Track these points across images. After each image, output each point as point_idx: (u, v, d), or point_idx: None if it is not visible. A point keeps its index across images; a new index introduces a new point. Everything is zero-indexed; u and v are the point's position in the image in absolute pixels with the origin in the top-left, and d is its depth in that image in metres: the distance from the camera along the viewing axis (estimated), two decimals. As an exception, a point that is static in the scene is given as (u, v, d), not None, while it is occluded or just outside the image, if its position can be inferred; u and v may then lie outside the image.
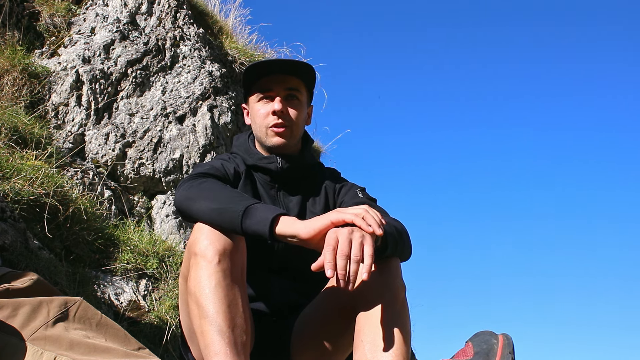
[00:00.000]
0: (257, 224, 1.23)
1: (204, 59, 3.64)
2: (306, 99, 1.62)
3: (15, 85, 2.79)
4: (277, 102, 1.53)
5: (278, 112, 1.53)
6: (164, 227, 2.90)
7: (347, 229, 1.18)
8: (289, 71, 1.55)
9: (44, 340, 1.07)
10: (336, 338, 1.41)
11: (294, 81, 1.57)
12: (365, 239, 1.17)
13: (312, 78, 1.60)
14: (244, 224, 1.23)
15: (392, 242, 1.31)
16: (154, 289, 2.44)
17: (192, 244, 1.28)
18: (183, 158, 3.08)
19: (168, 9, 3.76)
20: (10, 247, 1.82)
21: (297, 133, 1.58)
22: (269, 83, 1.56)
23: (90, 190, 2.64)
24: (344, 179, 1.69)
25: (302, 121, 1.59)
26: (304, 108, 1.59)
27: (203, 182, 1.36)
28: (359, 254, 1.14)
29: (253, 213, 1.24)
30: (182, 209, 1.36)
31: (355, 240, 1.16)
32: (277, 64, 1.57)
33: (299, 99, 1.57)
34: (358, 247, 1.15)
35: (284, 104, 1.54)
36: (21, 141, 2.42)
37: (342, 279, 1.14)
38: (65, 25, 3.39)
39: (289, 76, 1.56)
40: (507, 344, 1.41)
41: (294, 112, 1.55)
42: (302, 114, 1.58)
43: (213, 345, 1.17)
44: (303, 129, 1.62)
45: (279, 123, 1.54)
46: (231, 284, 1.23)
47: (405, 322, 1.30)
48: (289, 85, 1.56)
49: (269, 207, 1.26)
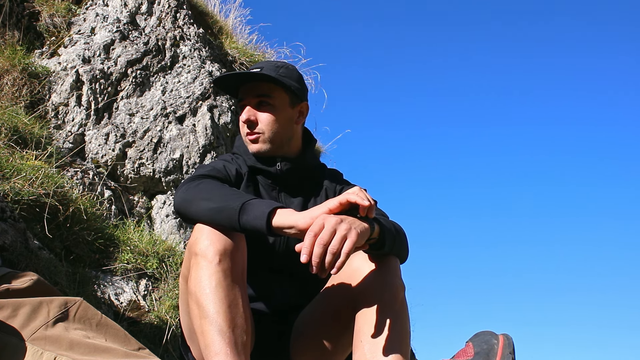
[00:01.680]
0: (254, 219, 1.22)
1: (204, 59, 3.64)
2: (286, 100, 1.59)
3: (15, 85, 2.79)
4: (245, 111, 1.54)
5: (246, 122, 1.54)
6: (164, 227, 2.90)
7: (337, 218, 1.17)
8: (256, 78, 1.55)
9: (44, 341, 1.07)
10: (336, 338, 1.41)
11: (264, 86, 1.55)
12: (350, 233, 1.16)
13: (291, 76, 1.58)
14: (242, 220, 1.23)
15: (389, 238, 1.31)
16: (154, 289, 2.44)
17: (192, 244, 1.28)
18: (183, 158, 3.08)
19: (168, 9, 3.76)
20: (10, 247, 1.82)
21: (276, 137, 1.55)
22: (242, 93, 1.57)
23: (90, 190, 2.64)
24: (345, 181, 1.69)
25: (282, 124, 1.56)
26: (280, 111, 1.56)
27: (200, 184, 1.36)
28: (337, 246, 1.14)
29: (250, 209, 1.23)
30: (181, 212, 1.36)
31: (339, 231, 1.15)
32: (238, 76, 1.58)
33: (270, 103, 1.55)
34: (339, 239, 1.14)
35: (252, 112, 1.54)
36: (21, 141, 2.42)
37: (315, 266, 1.14)
38: (65, 25, 3.39)
39: (259, 82, 1.56)
40: (507, 344, 1.41)
41: (266, 117, 1.54)
42: (278, 117, 1.55)
43: (213, 345, 1.17)
44: (286, 131, 1.57)
45: (249, 132, 1.55)
46: (232, 284, 1.23)
47: (405, 322, 1.30)
48: (258, 92, 1.55)
49: (266, 202, 1.26)
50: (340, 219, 1.17)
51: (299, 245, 1.16)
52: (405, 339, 1.28)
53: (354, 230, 1.17)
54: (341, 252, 1.15)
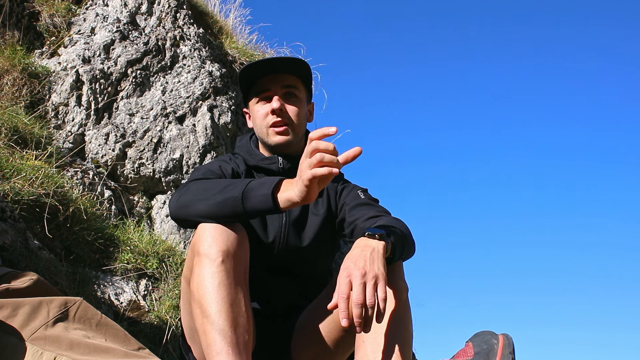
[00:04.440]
0: (259, 203, 1.22)
1: (204, 59, 3.64)
2: (305, 96, 1.61)
3: (15, 85, 2.79)
4: (275, 100, 1.52)
5: (277, 111, 1.52)
6: (164, 227, 2.90)
7: (360, 269, 1.14)
8: (285, 69, 1.55)
9: (43, 340, 1.07)
10: (337, 338, 1.41)
11: (291, 79, 1.56)
12: (379, 279, 1.14)
13: (308, 74, 1.59)
14: (247, 207, 1.23)
15: (399, 249, 1.31)
16: (154, 289, 2.44)
17: (195, 244, 1.28)
18: (183, 158, 3.08)
19: (168, 9, 3.76)
20: (10, 247, 1.82)
21: (299, 130, 1.57)
22: (265, 83, 1.56)
23: (90, 190, 2.64)
24: (346, 180, 1.69)
25: (303, 118, 1.58)
26: (303, 105, 1.58)
27: (189, 188, 1.35)
28: (373, 300, 1.12)
29: (251, 195, 1.23)
30: (179, 218, 1.35)
31: (368, 283, 1.13)
32: (271, 63, 1.55)
33: (297, 96, 1.57)
34: (372, 292, 1.13)
35: (282, 102, 1.53)
36: (21, 141, 2.42)
37: (358, 327, 1.12)
38: (65, 25, 3.39)
39: (285, 74, 1.55)
40: (507, 344, 1.40)
41: (293, 109, 1.55)
42: (302, 110, 1.57)
43: (215, 345, 1.17)
44: (304, 126, 1.61)
45: (278, 122, 1.53)
46: (234, 283, 1.23)
47: (407, 323, 1.30)
48: (286, 83, 1.55)
49: (264, 184, 1.24)
50: (363, 269, 1.15)
51: (331, 305, 1.14)
52: (408, 340, 1.28)
53: (379, 272, 1.16)
54: (379, 301, 1.13)
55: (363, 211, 1.50)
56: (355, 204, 1.53)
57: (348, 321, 1.11)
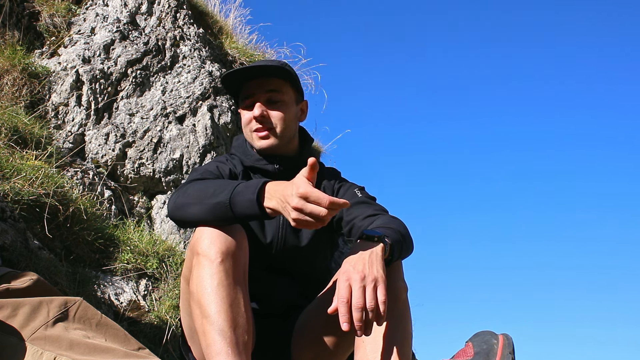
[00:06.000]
0: (246, 208, 1.22)
1: (204, 59, 3.64)
2: (293, 97, 1.60)
3: (15, 85, 2.79)
4: (256, 107, 1.54)
5: (259, 118, 1.54)
6: (164, 227, 2.90)
7: (359, 272, 1.15)
8: (266, 73, 1.55)
9: (43, 340, 1.07)
10: (337, 338, 1.41)
11: (276, 82, 1.56)
12: (378, 281, 1.15)
13: (293, 75, 1.59)
14: (236, 212, 1.23)
15: (397, 249, 1.31)
16: (154, 289, 2.44)
17: (194, 244, 1.28)
18: (183, 158, 3.08)
19: (168, 9, 3.76)
20: (10, 247, 1.82)
21: (286, 133, 1.57)
22: (250, 88, 1.57)
23: (90, 190, 2.64)
24: (343, 179, 1.69)
25: (289, 121, 1.57)
26: (289, 107, 1.58)
27: (186, 190, 1.36)
28: (373, 303, 1.13)
29: (237, 200, 1.23)
30: (177, 219, 1.37)
31: (368, 286, 1.14)
32: (250, 71, 1.56)
33: (281, 100, 1.56)
34: (372, 294, 1.13)
35: (264, 109, 1.54)
36: (21, 141, 2.42)
37: (359, 330, 1.13)
38: (65, 25, 3.39)
39: (268, 78, 1.55)
40: (507, 344, 1.40)
41: (277, 114, 1.55)
42: (287, 113, 1.57)
43: (214, 345, 1.17)
44: (293, 127, 1.60)
45: (260, 128, 1.55)
46: (233, 283, 1.23)
47: (407, 323, 1.30)
48: (270, 87, 1.55)
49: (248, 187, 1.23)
50: (362, 273, 1.15)
51: (331, 309, 1.15)
52: (407, 340, 1.28)
53: (379, 275, 1.16)
54: (379, 303, 1.14)
55: (361, 209, 1.50)
56: (352, 203, 1.53)
57: (349, 325, 1.12)
